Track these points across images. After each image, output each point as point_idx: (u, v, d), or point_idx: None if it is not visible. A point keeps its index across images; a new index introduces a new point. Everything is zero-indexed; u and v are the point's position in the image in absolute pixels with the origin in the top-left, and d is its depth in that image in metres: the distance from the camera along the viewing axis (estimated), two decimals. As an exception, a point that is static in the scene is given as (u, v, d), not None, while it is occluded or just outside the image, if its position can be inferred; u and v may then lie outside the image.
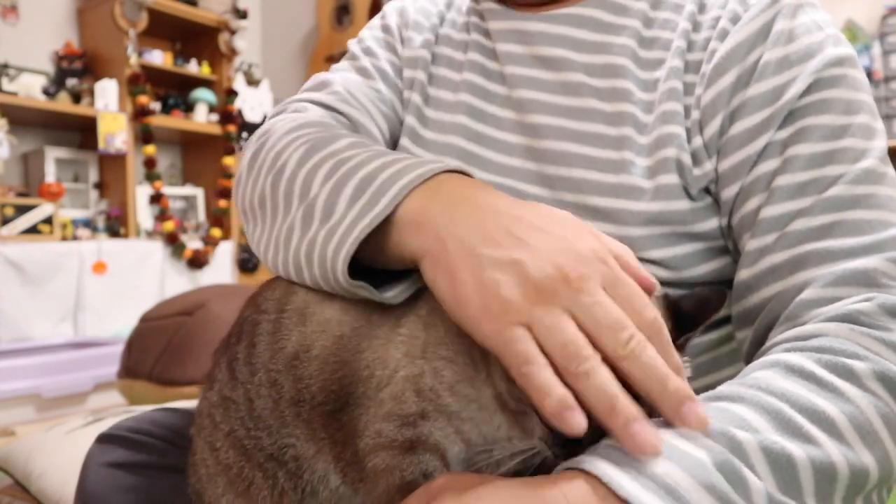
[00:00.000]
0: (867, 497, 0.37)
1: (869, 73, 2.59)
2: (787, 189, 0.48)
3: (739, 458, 0.33)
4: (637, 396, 0.34)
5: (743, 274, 0.50)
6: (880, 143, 0.49)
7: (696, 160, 0.53)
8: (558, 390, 0.33)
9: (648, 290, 0.38)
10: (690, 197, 0.53)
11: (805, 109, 0.49)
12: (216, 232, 3.33)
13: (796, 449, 0.34)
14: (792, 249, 0.47)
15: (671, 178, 0.52)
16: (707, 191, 0.54)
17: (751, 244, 0.50)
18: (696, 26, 0.55)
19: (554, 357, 0.33)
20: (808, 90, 0.49)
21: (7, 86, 2.82)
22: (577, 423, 0.32)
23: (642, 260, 0.51)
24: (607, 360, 0.34)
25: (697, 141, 0.53)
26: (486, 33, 0.64)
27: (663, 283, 0.52)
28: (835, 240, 0.46)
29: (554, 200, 0.55)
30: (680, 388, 0.33)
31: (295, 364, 0.45)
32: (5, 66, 2.89)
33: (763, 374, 0.39)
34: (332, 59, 3.68)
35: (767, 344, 0.45)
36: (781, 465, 0.34)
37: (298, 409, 0.45)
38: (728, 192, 0.52)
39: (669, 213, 0.52)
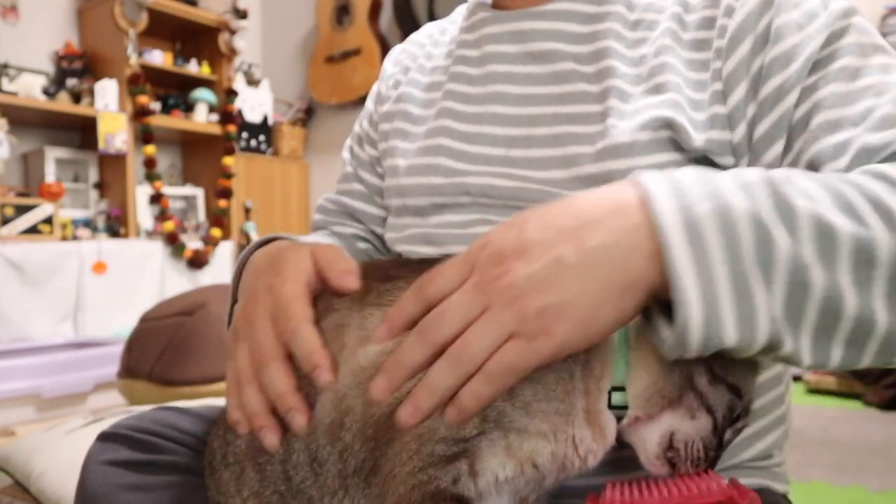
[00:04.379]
0: None
1: (869, 73, 2.60)
2: (823, 126, 0.49)
3: (780, 208, 0.37)
4: None
5: None
6: None
7: (703, 127, 0.54)
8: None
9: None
10: (681, 150, 0.55)
11: (827, 59, 0.51)
12: (216, 232, 3.33)
13: (845, 223, 0.37)
14: (865, 158, 0.47)
15: (657, 134, 0.55)
16: (705, 159, 0.55)
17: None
18: (686, 8, 0.59)
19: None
20: (826, 42, 0.52)
21: (7, 86, 2.82)
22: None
23: None
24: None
25: (718, 110, 0.55)
26: (475, 44, 0.68)
27: None
28: None
29: (547, 178, 0.58)
30: (311, 360, 0.44)
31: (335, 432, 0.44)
32: (5, 66, 2.89)
33: (850, 175, 0.41)
34: (332, 59, 3.68)
35: None
36: (824, 233, 0.36)
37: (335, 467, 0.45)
38: (775, 149, 0.53)
39: (659, 166, 0.54)
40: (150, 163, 3.14)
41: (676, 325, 0.36)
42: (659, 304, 0.39)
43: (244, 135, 3.69)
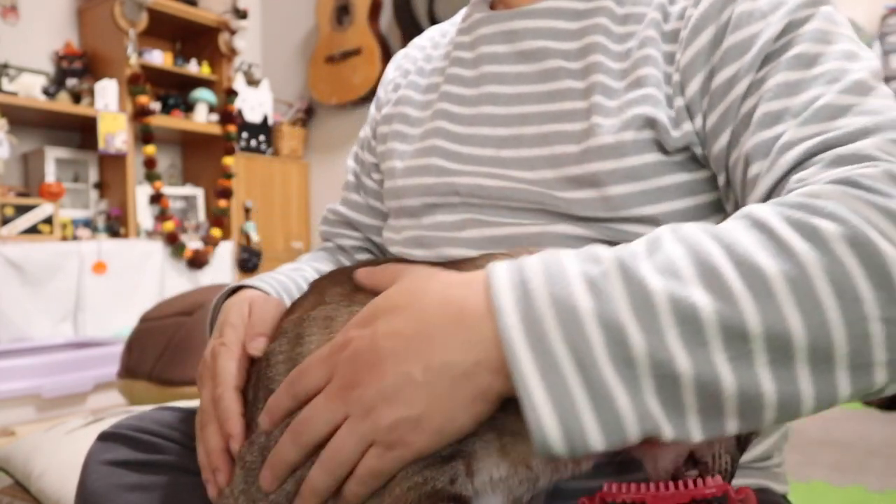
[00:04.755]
0: (815, 365, 0.34)
1: (869, 73, 2.59)
2: (763, 119, 0.47)
3: (641, 304, 0.35)
4: None
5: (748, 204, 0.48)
6: (868, 64, 0.47)
7: (675, 122, 0.53)
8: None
9: None
10: (665, 151, 0.54)
11: (780, 50, 0.49)
12: (216, 232, 3.33)
13: (707, 302, 0.34)
14: (782, 158, 0.44)
15: (640, 134, 0.54)
16: (687, 150, 0.54)
17: (749, 174, 0.48)
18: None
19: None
20: (782, 32, 0.49)
21: (7, 86, 2.82)
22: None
23: (632, 218, 0.54)
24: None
25: (679, 102, 0.54)
26: (470, 46, 0.69)
27: None
28: (828, 134, 0.43)
29: (536, 178, 0.58)
30: (225, 429, 0.50)
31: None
32: (5, 66, 2.89)
33: (727, 224, 0.38)
34: (332, 59, 3.68)
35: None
36: (688, 318, 0.34)
37: None
38: (721, 142, 0.51)
39: (643, 168, 0.54)
40: (150, 163, 3.14)
41: (535, 440, 0.35)
42: None
43: (244, 135, 3.69)
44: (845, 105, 0.44)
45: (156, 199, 3.17)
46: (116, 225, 3.09)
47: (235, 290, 0.65)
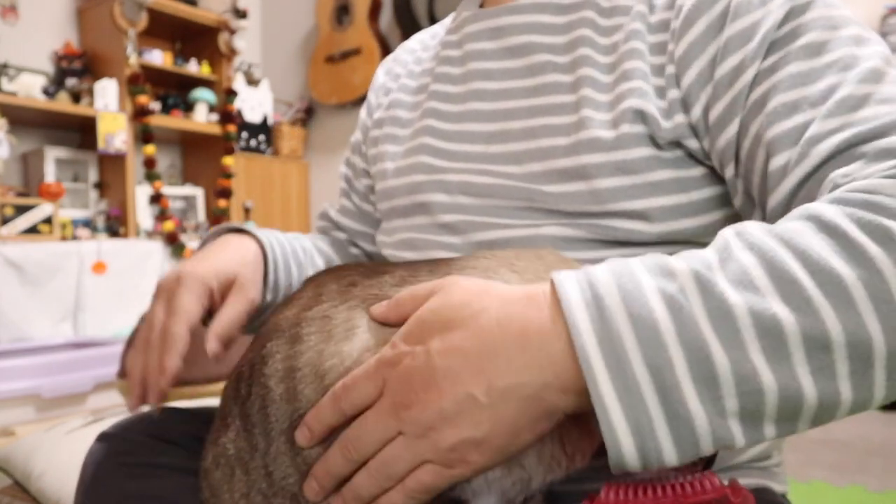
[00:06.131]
0: (891, 370, 0.34)
1: (869, 73, 2.59)
2: (781, 110, 0.47)
3: (722, 319, 0.34)
4: None
5: (772, 201, 0.48)
6: (878, 49, 0.47)
7: (667, 114, 0.53)
8: None
9: None
10: (658, 146, 0.54)
11: (786, 38, 0.48)
12: (216, 232, 3.33)
13: (788, 315, 0.34)
14: (814, 150, 0.44)
15: (632, 128, 0.53)
16: (678, 144, 0.54)
17: (772, 165, 0.47)
18: None
19: None
20: (785, 18, 0.49)
21: (7, 86, 2.81)
22: None
23: (620, 213, 0.54)
24: None
25: (673, 94, 0.53)
26: (458, 44, 0.69)
27: (647, 238, 0.53)
28: (855, 127, 0.42)
29: (524, 172, 0.58)
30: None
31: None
32: (5, 66, 2.89)
33: (794, 226, 0.37)
34: (332, 58, 3.68)
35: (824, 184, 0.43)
36: (769, 331, 0.34)
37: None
38: (729, 132, 0.51)
39: (634, 162, 0.53)
40: (149, 163, 3.14)
41: (610, 456, 0.35)
42: None
43: (244, 135, 3.69)
44: (863, 95, 0.44)
45: (156, 199, 3.16)
46: (116, 225, 3.09)
47: (237, 231, 0.68)
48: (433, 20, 3.38)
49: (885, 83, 0.44)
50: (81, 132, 3.19)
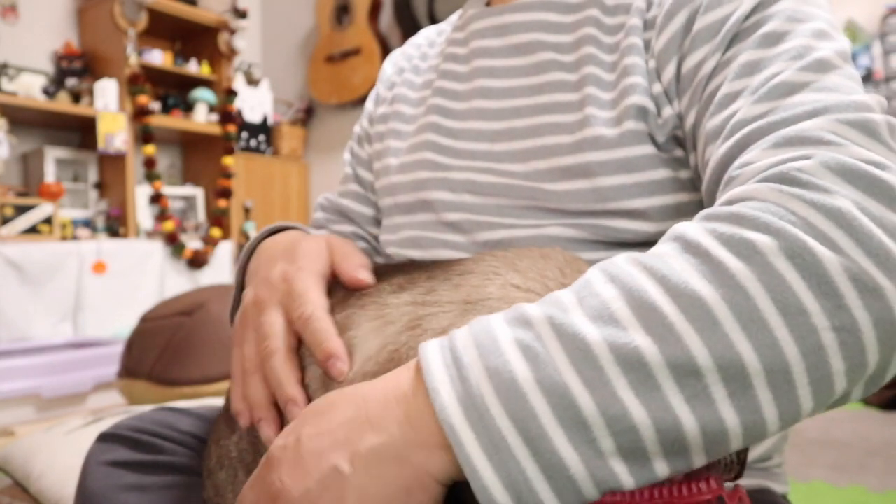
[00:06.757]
0: (774, 388, 0.33)
1: (869, 73, 2.59)
2: (723, 100, 0.46)
3: (582, 360, 0.33)
4: None
5: (705, 195, 0.47)
6: (838, 45, 0.45)
7: (658, 107, 0.54)
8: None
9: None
10: (657, 145, 0.54)
11: (749, 29, 0.48)
12: (216, 232, 3.33)
13: (649, 345, 0.32)
14: (731, 139, 0.43)
15: (636, 125, 0.53)
16: (676, 140, 0.54)
17: (705, 156, 0.46)
18: None
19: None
20: (752, 11, 0.48)
21: (7, 86, 2.82)
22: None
23: (623, 212, 0.54)
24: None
25: (657, 88, 0.54)
26: (464, 42, 0.69)
27: (647, 238, 0.53)
28: (777, 114, 0.41)
29: (528, 171, 0.58)
30: (326, 349, 0.44)
31: None
32: (5, 66, 2.89)
33: (660, 250, 0.36)
34: (332, 58, 3.68)
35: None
36: (633, 365, 0.32)
37: None
38: (688, 124, 0.51)
39: (636, 160, 0.53)
40: (149, 163, 3.14)
41: None
42: None
43: (244, 135, 3.69)
44: (802, 82, 0.42)
45: (155, 198, 3.17)
46: (116, 225, 3.09)
47: (271, 234, 0.62)
48: (433, 20, 3.38)
49: (832, 74, 0.42)
50: (81, 132, 3.19)
